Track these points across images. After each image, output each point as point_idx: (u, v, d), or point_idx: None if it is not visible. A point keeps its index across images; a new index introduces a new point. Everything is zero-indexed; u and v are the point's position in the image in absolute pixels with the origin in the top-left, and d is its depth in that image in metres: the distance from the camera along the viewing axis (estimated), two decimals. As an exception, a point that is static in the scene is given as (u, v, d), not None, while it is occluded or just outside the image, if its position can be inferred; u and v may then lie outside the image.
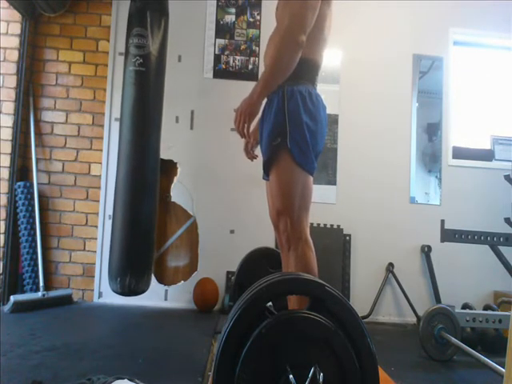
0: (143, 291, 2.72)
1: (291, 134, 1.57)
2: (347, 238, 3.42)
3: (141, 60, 2.65)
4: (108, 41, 3.44)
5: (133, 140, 2.68)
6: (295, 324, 1.13)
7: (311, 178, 1.67)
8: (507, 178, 2.64)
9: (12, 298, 2.81)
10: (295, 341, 1.12)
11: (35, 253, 3.16)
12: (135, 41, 2.67)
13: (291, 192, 1.60)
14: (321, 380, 1.07)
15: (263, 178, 1.79)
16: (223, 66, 3.51)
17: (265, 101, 1.64)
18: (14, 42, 3.24)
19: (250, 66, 3.52)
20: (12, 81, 3.23)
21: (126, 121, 2.69)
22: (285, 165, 1.60)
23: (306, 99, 1.62)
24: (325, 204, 3.41)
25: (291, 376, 1.07)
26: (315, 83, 1.71)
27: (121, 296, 2.76)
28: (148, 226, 2.72)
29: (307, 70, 1.66)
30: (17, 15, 3.23)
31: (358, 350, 1.11)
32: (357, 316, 1.14)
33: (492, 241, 2.50)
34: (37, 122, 3.36)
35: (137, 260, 2.65)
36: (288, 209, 1.60)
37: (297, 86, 1.62)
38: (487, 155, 3.68)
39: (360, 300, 3.32)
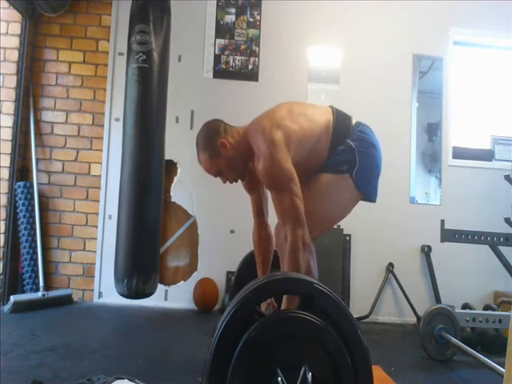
0: (151, 293, 2.61)
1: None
2: (347, 238, 3.42)
3: (144, 56, 2.62)
4: (108, 41, 3.44)
5: (137, 138, 2.61)
6: (284, 325, 1.13)
7: None
8: (507, 177, 2.64)
9: (12, 298, 2.82)
10: (285, 342, 1.11)
11: (35, 253, 3.15)
12: (138, 37, 2.64)
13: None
14: (309, 379, 1.06)
15: None
16: (223, 66, 3.51)
17: None
18: (14, 42, 3.24)
19: (250, 66, 3.52)
20: (12, 81, 3.23)
21: (130, 119, 2.64)
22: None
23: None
24: (325, 204, 3.40)
25: (280, 379, 1.06)
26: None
27: (124, 297, 2.63)
28: (153, 226, 2.65)
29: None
30: (17, 15, 3.23)
31: (350, 345, 1.11)
32: (347, 311, 1.13)
33: (492, 241, 2.50)
34: (37, 122, 3.36)
35: (143, 261, 2.56)
36: None
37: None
38: (487, 155, 3.68)
39: (360, 300, 3.32)
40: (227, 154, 1.72)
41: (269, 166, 1.61)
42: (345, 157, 1.72)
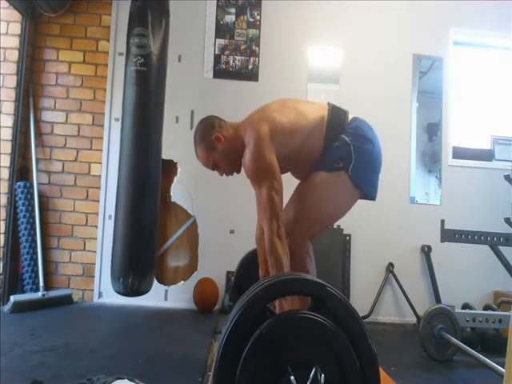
0: (146, 291, 2.68)
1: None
2: (347, 238, 3.41)
3: (142, 60, 2.64)
4: (108, 41, 3.44)
5: (134, 140, 2.66)
6: (296, 324, 1.13)
7: None
8: (507, 177, 2.64)
9: (12, 298, 2.81)
10: (296, 341, 1.12)
11: (35, 253, 3.15)
12: (136, 40, 2.66)
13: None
14: (322, 381, 1.06)
15: None
16: (223, 66, 3.51)
17: None
18: (14, 42, 3.24)
19: (250, 66, 3.52)
20: (12, 81, 3.23)
21: (128, 121, 2.68)
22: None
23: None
24: (325, 204, 3.40)
25: (292, 377, 1.06)
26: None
27: (122, 296, 2.70)
28: (150, 226, 2.70)
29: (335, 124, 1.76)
30: (17, 15, 3.23)
31: (359, 350, 1.11)
32: (358, 316, 1.14)
33: (492, 241, 2.50)
34: (37, 122, 3.35)
35: (139, 260, 2.62)
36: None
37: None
38: (487, 155, 3.68)
39: (360, 300, 3.31)
40: (222, 147, 1.78)
41: (251, 158, 1.67)
42: (340, 153, 1.71)
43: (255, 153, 1.66)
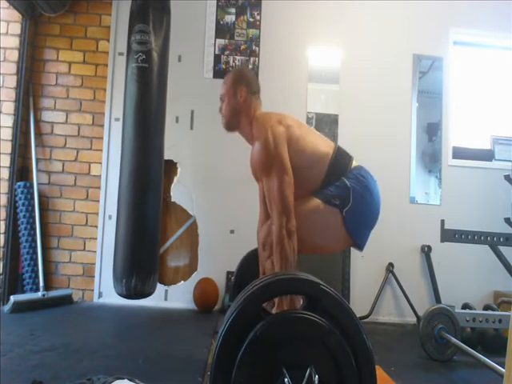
0: (149, 294, 2.62)
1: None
2: (347, 238, 3.41)
3: (143, 56, 2.62)
4: (108, 41, 3.44)
5: (136, 138, 2.61)
6: (290, 325, 1.13)
7: None
8: (507, 177, 2.64)
9: (12, 298, 2.81)
10: (291, 342, 1.12)
11: (35, 253, 3.15)
12: (137, 37, 2.64)
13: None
14: (316, 381, 1.06)
15: None
16: (223, 66, 3.51)
17: None
18: (14, 42, 3.24)
19: (250, 66, 3.52)
20: (12, 81, 3.23)
21: (129, 118, 2.64)
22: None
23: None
24: (325, 204, 3.40)
25: (287, 379, 1.06)
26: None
27: (122, 297, 2.63)
28: (153, 227, 2.65)
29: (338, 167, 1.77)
30: (17, 15, 3.23)
31: (354, 347, 1.11)
32: (352, 313, 1.14)
33: (492, 241, 2.50)
34: (37, 121, 3.35)
35: (142, 261, 2.57)
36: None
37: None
38: (487, 155, 3.68)
39: (360, 300, 3.32)
40: (237, 99, 1.91)
41: (262, 148, 1.69)
42: (339, 192, 1.71)
43: (267, 143, 1.68)
